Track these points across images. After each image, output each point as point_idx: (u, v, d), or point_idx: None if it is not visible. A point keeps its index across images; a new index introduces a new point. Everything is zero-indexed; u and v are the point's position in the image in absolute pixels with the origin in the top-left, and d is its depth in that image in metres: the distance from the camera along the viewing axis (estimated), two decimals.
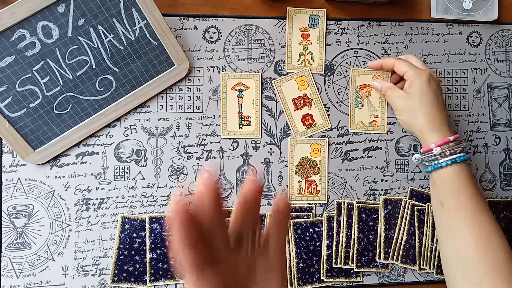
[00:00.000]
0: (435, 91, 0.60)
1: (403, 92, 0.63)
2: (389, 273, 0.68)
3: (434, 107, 0.59)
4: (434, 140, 0.58)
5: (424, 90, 0.60)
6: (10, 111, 0.59)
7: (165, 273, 0.63)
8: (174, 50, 0.63)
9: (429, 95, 0.60)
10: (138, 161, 0.64)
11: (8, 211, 0.61)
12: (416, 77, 0.60)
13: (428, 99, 0.60)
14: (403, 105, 0.62)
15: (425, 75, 0.60)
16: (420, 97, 0.60)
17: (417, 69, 0.61)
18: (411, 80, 0.61)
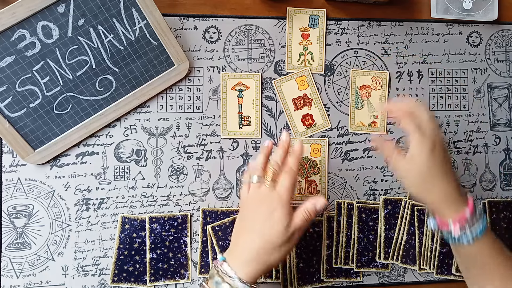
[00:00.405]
0: (442, 160, 0.53)
1: (407, 160, 0.54)
2: (389, 273, 0.68)
3: (443, 179, 0.53)
4: (450, 215, 0.52)
5: (430, 162, 0.52)
6: (10, 111, 0.59)
7: (165, 273, 0.63)
8: (174, 50, 0.63)
9: (435, 166, 0.52)
10: (138, 161, 0.64)
11: (8, 211, 0.61)
12: (419, 146, 0.52)
13: (435, 171, 0.52)
14: (408, 175, 0.54)
15: (429, 143, 0.52)
16: (428, 169, 0.52)
17: (422, 134, 0.52)
18: (414, 151, 0.53)
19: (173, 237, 0.64)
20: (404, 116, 0.54)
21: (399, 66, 0.70)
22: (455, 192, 0.53)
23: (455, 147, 0.70)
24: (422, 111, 0.55)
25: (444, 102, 0.71)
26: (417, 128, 0.53)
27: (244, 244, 0.51)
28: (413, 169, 0.53)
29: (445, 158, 0.53)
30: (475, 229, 0.51)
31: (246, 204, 0.54)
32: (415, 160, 0.53)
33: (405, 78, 0.70)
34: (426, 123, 0.54)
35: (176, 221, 0.64)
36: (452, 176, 0.54)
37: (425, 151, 0.52)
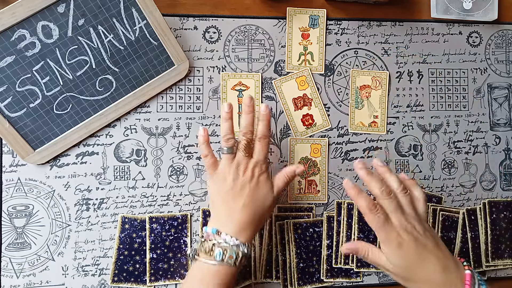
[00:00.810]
0: (413, 250, 0.50)
1: (382, 258, 0.52)
2: None
3: (424, 269, 0.50)
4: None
5: (402, 258, 0.50)
6: (10, 111, 0.59)
7: (165, 273, 0.63)
8: (174, 50, 0.63)
9: (410, 260, 0.50)
10: (138, 161, 0.64)
11: (8, 211, 0.61)
12: (385, 248, 0.51)
13: (411, 264, 0.50)
14: (391, 272, 0.53)
15: (393, 239, 0.50)
16: (402, 267, 0.51)
17: (383, 232, 0.51)
18: (384, 250, 0.51)
19: (173, 237, 0.64)
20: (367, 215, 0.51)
21: (399, 66, 0.70)
22: (447, 276, 0.50)
23: (455, 147, 0.70)
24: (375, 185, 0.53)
25: (444, 102, 0.71)
26: (380, 224, 0.51)
27: (236, 213, 0.53)
28: (390, 268, 0.52)
29: (418, 248, 0.50)
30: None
31: (223, 174, 0.56)
32: (389, 260, 0.51)
33: (405, 78, 0.70)
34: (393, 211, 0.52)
35: (176, 221, 0.64)
36: (436, 260, 0.50)
37: (392, 251, 0.50)
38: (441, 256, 0.51)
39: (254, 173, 0.56)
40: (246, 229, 0.53)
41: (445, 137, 0.70)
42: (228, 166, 0.56)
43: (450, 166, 0.70)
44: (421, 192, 0.55)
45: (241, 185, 0.55)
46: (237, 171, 0.56)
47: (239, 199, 0.54)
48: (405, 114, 0.70)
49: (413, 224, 0.52)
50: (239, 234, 0.52)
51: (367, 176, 0.53)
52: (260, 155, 0.57)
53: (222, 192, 0.55)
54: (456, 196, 0.70)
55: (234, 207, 0.54)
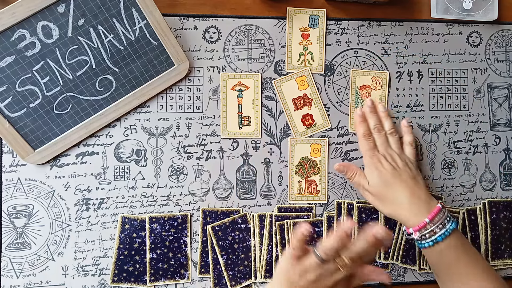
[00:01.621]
0: (390, 177, 0.60)
1: (364, 179, 0.62)
2: (389, 273, 0.68)
3: (396, 191, 0.59)
4: (410, 225, 0.57)
5: (381, 179, 0.60)
6: (10, 111, 0.59)
7: (165, 273, 0.63)
8: (174, 50, 0.63)
9: (386, 182, 0.60)
10: (138, 161, 0.64)
11: (8, 211, 0.61)
12: (367, 168, 0.62)
13: (387, 186, 0.60)
14: (369, 192, 0.62)
15: (374, 162, 0.61)
16: (379, 186, 0.60)
17: (368, 155, 0.63)
18: (365, 176, 0.63)
19: (173, 237, 0.64)
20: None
21: (399, 66, 0.70)
22: (415, 204, 0.58)
23: (455, 147, 0.70)
24: None
25: (444, 102, 0.71)
26: (370, 148, 0.63)
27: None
28: (367, 187, 0.62)
29: (393, 175, 0.60)
30: (435, 234, 0.56)
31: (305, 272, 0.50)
32: (368, 179, 0.62)
33: (405, 78, 0.70)
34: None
35: (176, 221, 0.64)
36: (410, 187, 0.59)
37: (371, 171, 0.61)
38: (413, 186, 0.59)
39: (335, 286, 0.50)
40: None
41: (445, 137, 0.70)
42: (314, 268, 0.49)
43: (450, 166, 0.70)
44: (412, 138, 0.65)
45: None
46: (320, 276, 0.49)
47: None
48: (405, 114, 0.70)
49: (394, 158, 0.62)
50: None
51: (369, 113, 0.65)
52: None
53: (293, 283, 0.50)
54: (456, 196, 0.70)
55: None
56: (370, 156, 0.62)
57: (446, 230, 0.55)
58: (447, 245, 0.56)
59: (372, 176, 0.61)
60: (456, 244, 0.56)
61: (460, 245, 0.56)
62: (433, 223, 0.56)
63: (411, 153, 0.64)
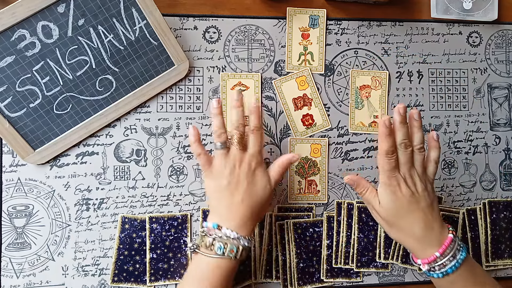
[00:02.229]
0: (405, 203, 0.54)
1: (376, 200, 0.57)
2: (389, 273, 0.68)
3: (409, 221, 0.54)
4: (419, 256, 0.55)
5: (394, 204, 0.55)
6: (10, 111, 0.59)
7: (165, 273, 0.63)
8: (174, 50, 0.63)
9: (400, 208, 0.55)
10: (138, 161, 0.64)
11: (8, 211, 0.61)
12: (382, 189, 0.56)
13: (400, 212, 0.55)
14: (378, 213, 0.58)
15: (391, 185, 0.54)
16: (392, 210, 0.55)
17: (386, 175, 0.55)
18: (377, 195, 0.57)
19: (173, 237, 0.64)
20: None
21: (399, 66, 0.70)
22: (427, 234, 0.54)
23: (455, 147, 0.70)
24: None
25: (444, 102, 0.71)
26: (391, 168, 0.55)
27: (235, 208, 0.54)
28: (378, 209, 0.57)
29: (410, 201, 0.54)
30: (444, 268, 0.53)
31: (219, 169, 0.55)
32: (381, 201, 0.56)
33: (405, 78, 0.70)
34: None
35: (176, 221, 0.64)
36: (424, 217, 0.54)
37: (387, 194, 0.55)
38: (429, 215, 0.55)
39: (251, 166, 0.56)
40: (246, 223, 0.54)
41: (445, 137, 0.70)
42: (223, 161, 0.56)
43: (450, 166, 0.70)
44: (437, 155, 0.58)
45: (237, 179, 0.55)
46: (232, 165, 0.55)
47: (237, 194, 0.54)
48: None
49: (415, 181, 0.55)
50: (239, 228, 0.53)
51: (399, 124, 0.56)
52: (255, 146, 0.56)
53: (220, 187, 0.55)
54: (456, 196, 0.70)
55: (233, 202, 0.54)
56: (388, 177, 0.55)
57: (456, 262, 0.53)
58: (457, 275, 0.53)
59: (386, 198, 0.55)
60: (467, 274, 0.54)
61: (470, 275, 0.54)
62: (444, 256, 0.53)
63: (434, 172, 0.58)
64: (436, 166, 0.58)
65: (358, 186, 0.58)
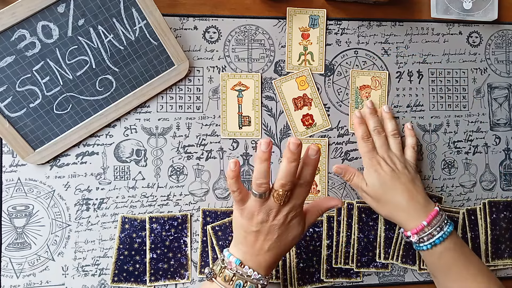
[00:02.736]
0: (388, 179, 0.60)
1: (362, 180, 0.63)
2: (389, 273, 0.68)
3: (394, 194, 0.59)
4: (409, 227, 0.58)
5: (379, 181, 0.60)
6: (10, 111, 0.59)
7: (165, 273, 0.63)
8: (174, 50, 0.63)
9: (384, 185, 0.60)
10: (138, 161, 0.64)
11: (8, 211, 0.61)
12: (365, 170, 0.63)
13: (384, 188, 0.60)
14: (366, 193, 0.63)
15: (373, 164, 0.62)
16: (378, 187, 0.60)
17: (367, 157, 0.63)
18: (363, 178, 0.63)
19: (173, 237, 0.64)
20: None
21: (399, 66, 0.70)
22: (412, 207, 0.58)
23: (455, 147, 0.70)
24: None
25: (444, 102, 0.71)
26: (369, 150, 0.63)
27: (261, 255, 0.51)
28: (365, 189, 0.62)
29: (392, 177, 0.60)
30: (433, 237, 0.56)
31: (252, 213, 0.50)
32: (366, 181, 0.62)
33: (405, 78, 0.70)
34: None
35: (176, 221, 0.64)
36: (407, 190, 0.59)
37: (370, 173, 0.61)
38: (411, 189, 0.59)
39: (287, 218, 0.51)
40: (270, 267, 0.52)
41: (445, 137, 0.70)
42: (258, 207, 0.50)
43: (450, 166, 0.70)
44: (414, 141, 0.65)
45: (269, 230, 0.50)
46: (266, 215, 0.50)
47: (265, 243, 0.51)
48: (405, 114, 0.70)
49: (394, 161, 0.62)
50: (262, 270, 0.51)
51: (369, 114, 0.65)
52: (299, 199, 0.51)
53: (248, 229, 0.51)
54: (456, 196, 0.70)
55: (259, 247, 0.51)
56: (369, 158, 0.62)
57: (444, 233, 0.56)
58: (444, 247, 0.56)
59: (370, 177, 0.61)
60: (454, 247, 0.57)
61: (458, 248, 0.57)
62: (431, 226, 0.56)
63: (412, 156, 0.64)
64: (415, 151, 0.65)
65: (346, 173, 0.64)
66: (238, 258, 0.51)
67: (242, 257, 0.51)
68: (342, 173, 0.65)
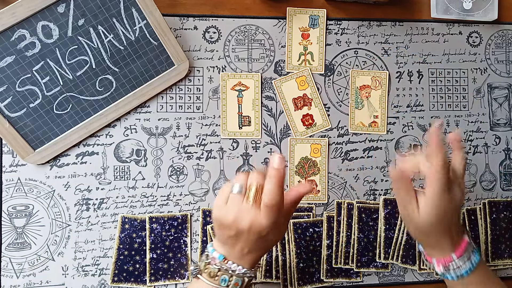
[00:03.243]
0: (454, 212, 0.50)
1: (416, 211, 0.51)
2: (389, 273, 0.68)
3: (441, 230, 0.51)
4: (435, 255, 0.52)
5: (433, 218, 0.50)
6: (10, 111, 0.59)
7: (165, 273, 0.63)
8: (174, 50, 0.63)
9: (436, 221, 0.50)
10: (138, 161, 0.64)
11: (8, 211, 0.61)
12: (432, 201, 0.50)
13: (435, 226, 0.50)
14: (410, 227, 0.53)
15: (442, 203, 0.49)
16: (429, 225, 0.50)
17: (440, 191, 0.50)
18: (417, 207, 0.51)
19: (173, 237, 0.64)
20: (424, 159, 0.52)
21: (399, 66, 0.70)
22: (447, 237, 0.51)
23: None
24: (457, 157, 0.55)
25: (444, 102, 0.71)
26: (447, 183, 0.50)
27: (241, 251, 0.49)
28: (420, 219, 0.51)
29: (458, 213, 0.51)
30: (459, 270, 0.51)
31: (229, 214, 0.48)
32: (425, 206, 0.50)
33: (405, 78, 0.70)
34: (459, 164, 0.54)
35: (176, 221, 0.64)
36: (455, 224, 0.51)
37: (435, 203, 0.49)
38: (456, 219, 0.51)
39: None
40: (254, 260, 0.50)
41: (445, 137, 0.70)
42: (235, 206, 0.49)
43: None
44: (462, 156, 0.56)
45: (242, 231, 0.49)
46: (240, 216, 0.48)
47: (245, 247, 0.49)
48: (405, 114, 0.70)
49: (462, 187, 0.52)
50: (246, 263, 0.50)
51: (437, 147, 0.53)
52: (268, 201, 0.49)
53: (226, 234, 0.50)
54: None
55: (239, 250, 0.49)
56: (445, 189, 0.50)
57: (472, 265, 0.51)
58: (472, 280, 0.51)
59: (436, 199, 0.50)
60: (482, 280, 0.52)
61: (485, 279, 0.52)
62: (460, 258, 0.51)
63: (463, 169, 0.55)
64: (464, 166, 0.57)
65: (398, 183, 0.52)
66: (221, 254, 0.50)
67: (225, 252, 0.50)
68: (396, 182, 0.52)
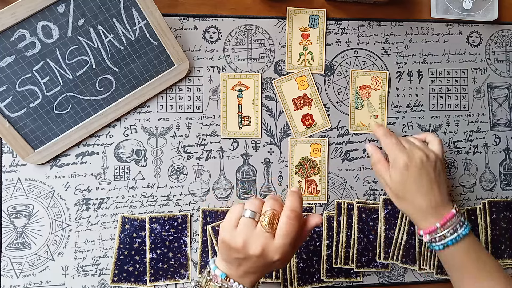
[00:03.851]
0: (416, 175, 0.56)
1: (387, 172, 0.59)
2: (389, 273, 0.68)
3: (417, 194, 0.56)
4: (422, 227, 0.57)
5: (403, 178, 0.56)
6: (10, 111, 0.59)
7: (165, 273, 0.63)
8: (174, 50, 0.63)
9: (408, 183, 0.56)
10: (138, 161, 0.64)
11: (8, 211, 0.61)
12: (393, 165, 0.58)
13: (408, 187, 0.57)
14: (386, 187, 0.60)
15: (401, 161, 0.56)
16: (400, 185, 0.57)
17: (397, 152, 0.57)
18: (388, 170, 0.59)
19: (173, 237, 0.64)
20: (384, 139, 0.59)
21: (399, 66, 0.70)
22: (430, 206, 0.56)
23: (455, 147, 0.70)
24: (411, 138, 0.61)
25: (444, 102, 0.71)
26: (394, 147, 0.58)
27: (245, 273, 0.50)
28: (388, 182, 0.58)
29: (421, 173, 0.56)
30: (445, 240, 0.55)
31: (238, 238, 0.48)
32: (392, 175, 0.58)
33: (405, 78, 0.70)
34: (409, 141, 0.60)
35: (176, 221, 0.64)
36: (430, 191, 0.56)
37: (397, 169, 0.57)
38: (435, 189, 0.57)
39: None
40: (251, 277, 0.50)
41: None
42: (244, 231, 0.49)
43: (450, 166, 0.70)
44: (435, 137, 0.61)
45: (250, 257, 0.49)
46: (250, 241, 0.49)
47: (250, 269, 0.49)
48: (405, 114, 0.70)
49: (426, 153, 0.58)
50: (247, 283, 0.50)
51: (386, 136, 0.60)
52: (282, 232, 0.49)
53: (233, 255, 0.50)
54: (456, 196, 0.70)
55: (242, 272, 0.50)
56: (399, 150, 0.58)
57: (457, 235, 0.55)
58: (457, 249, 0.55)
59: (396, 173, 0.58)
60: (468, 249, 0.56)
61: (471, 250, 0.56)
62: (444, 228, 0.55)
63: (439, 149, 0.60)
64: (440, 144, 0.61)
65: (373, 155, 0.61)
66: (223, 272, 0.50)
67: (227, 270, 0.50)
68: (371, 153, 0.61)
